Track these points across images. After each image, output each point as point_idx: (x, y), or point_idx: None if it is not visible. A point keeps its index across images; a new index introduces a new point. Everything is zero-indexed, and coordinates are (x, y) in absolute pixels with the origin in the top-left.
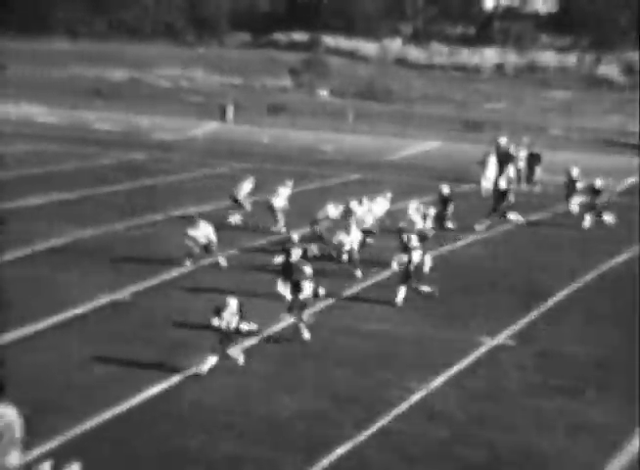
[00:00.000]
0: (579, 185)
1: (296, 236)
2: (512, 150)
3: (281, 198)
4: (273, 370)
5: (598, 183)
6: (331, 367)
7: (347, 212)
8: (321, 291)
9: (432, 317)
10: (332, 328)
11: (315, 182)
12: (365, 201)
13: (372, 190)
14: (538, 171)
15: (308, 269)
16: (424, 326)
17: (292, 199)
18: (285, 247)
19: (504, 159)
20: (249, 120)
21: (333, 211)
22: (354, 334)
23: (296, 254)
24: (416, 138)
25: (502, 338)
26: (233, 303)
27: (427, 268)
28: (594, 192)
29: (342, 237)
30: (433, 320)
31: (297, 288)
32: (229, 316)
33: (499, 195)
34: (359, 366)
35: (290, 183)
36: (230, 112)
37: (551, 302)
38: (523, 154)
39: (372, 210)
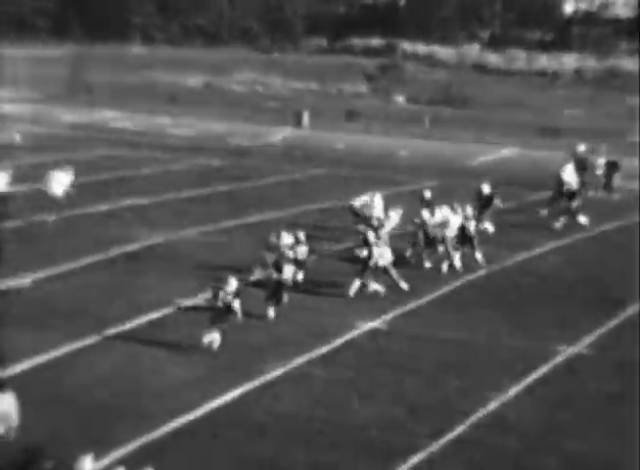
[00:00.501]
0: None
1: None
2: (590, 157)
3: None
4: (348, 377)
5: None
6: (406, 375)
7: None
8: (300, 276)
9: (507, 325)
10: (407, 335)
11: (392, 188)
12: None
13: (448, 196)
14: (617, 179)
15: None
16: (500, 334)
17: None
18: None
19: (582, 166)
20: (324, 126)
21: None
22: (430, 341)
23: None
24: (493, 144)
25: (579, 347)
26: (233, 282)
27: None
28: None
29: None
30: (508, 328)
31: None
32: (224, 295)
33: (570, 195)
34: (435, 374)
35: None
36: (306, 117)
37: (630, 310)
38: (601, 161)
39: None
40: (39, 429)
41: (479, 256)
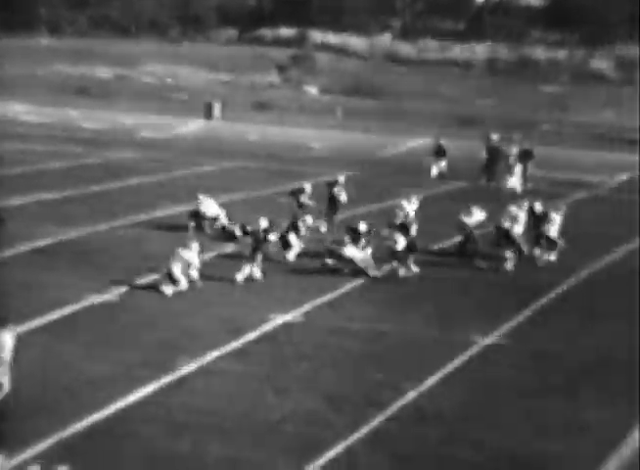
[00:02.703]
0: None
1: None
2: (503, 146)
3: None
4: (264, 371)
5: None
6: (323, 368)
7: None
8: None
9: (425, 317)
10: (323, 327)
11: (304, 180)
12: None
13: (362, 188)
14: (530, 168)
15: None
16: (416, 326)
17: (276, 197)
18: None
19: (495, 155)
20: (236, 118)
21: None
22: (347, 333)
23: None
24: (407, 135)
25: (495, 337)
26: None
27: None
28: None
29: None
30: (426, 320)
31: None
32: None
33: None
34: (352, 367)
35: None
36: (217, 109)
37: (546, 299)
38: (514, 150)
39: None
40: None
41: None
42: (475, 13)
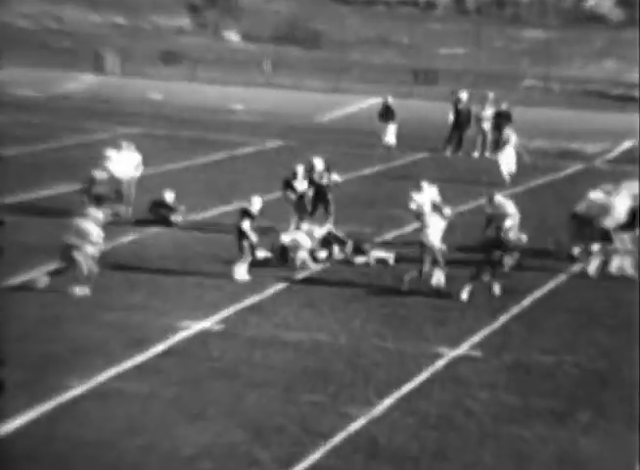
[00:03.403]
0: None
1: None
2: (474, 108)
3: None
4: (173, 392)
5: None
6: (246, 388)
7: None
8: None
9: (376, 324)
10: (246, 337)
11: (223, 151)
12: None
13: (297, 160)
14: (508, 134)
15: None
16: (366, 335)
17: (193, 172)
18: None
19: (464, 119)
20: (135, 71)
21: None
22: (276, 344)
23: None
24: (353, 94)
25: (465, 348)
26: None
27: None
28: None
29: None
30: (378, 328)
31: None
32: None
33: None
34: (283, 386)
35: None
36: (111, 60)
37: (526, 302)
38: (488, 112)
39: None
40: None
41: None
42: None
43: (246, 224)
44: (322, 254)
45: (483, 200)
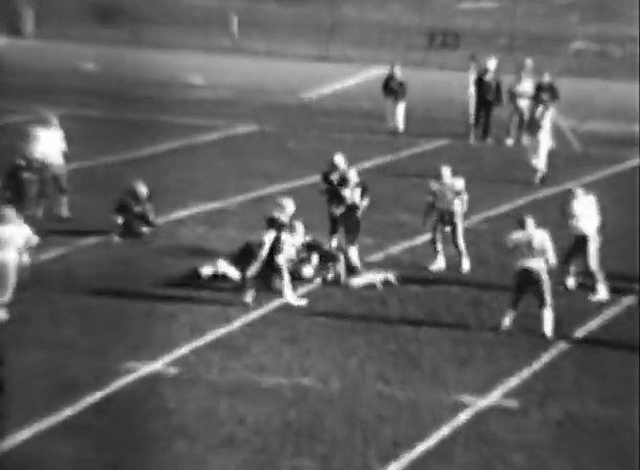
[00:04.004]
0: None
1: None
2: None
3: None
4: (112, 460)
5: None
6: (211, 452)
7: None
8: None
9: (379, 364)
10: (212, 384)
11: (178, 138)
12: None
13: (279, 153)
14: (551, 114)
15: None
16: (366, 379)
17: (137, 166)
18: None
19: (493, 95)
20: (60, 34)
21: None
22: (250, 394)
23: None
24: (347, 62)
25: (496, 396)
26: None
27: None
28: None
29: None
30: (381, 369)
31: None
32: None
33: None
34: (259, 449)
35: None
36: (29, 20)
37: (579, 333)
38: (526, 86)
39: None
40: None
41: None
42: None
43: (271, 236)
44: (307, 270)
45: (520, 201)
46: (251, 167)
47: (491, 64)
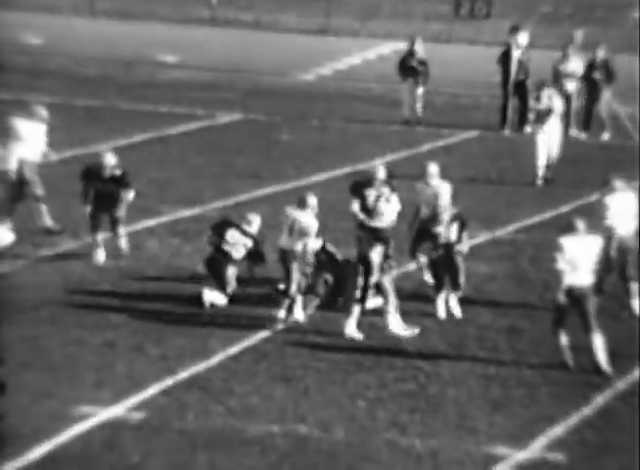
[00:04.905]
0: None
1: None
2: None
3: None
4: None
5: None
6: None
7: None
8: None
9: (393, 408)
10: (186, 433)
11: (146, 130)
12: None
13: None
14: (607, 99)
15: None
16: (377, 426)
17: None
18: None
19: (528, 75)
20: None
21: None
22: (234, 445)
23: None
24: (353, 36)
25: (537, 448)
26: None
27: None
28: None
29: None
30: (395, 414)
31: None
32: None
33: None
34: None
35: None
36: None
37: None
38: (574, 65)
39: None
40: None
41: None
42: None
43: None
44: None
45: (565, 208)
46: (234, 165)
47: (523, 38)
